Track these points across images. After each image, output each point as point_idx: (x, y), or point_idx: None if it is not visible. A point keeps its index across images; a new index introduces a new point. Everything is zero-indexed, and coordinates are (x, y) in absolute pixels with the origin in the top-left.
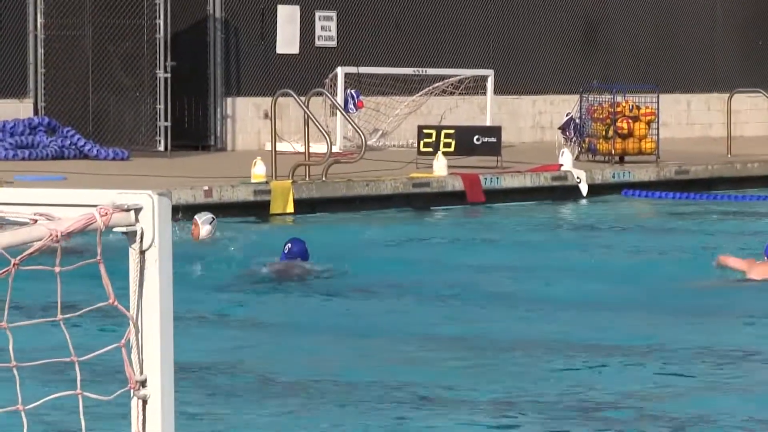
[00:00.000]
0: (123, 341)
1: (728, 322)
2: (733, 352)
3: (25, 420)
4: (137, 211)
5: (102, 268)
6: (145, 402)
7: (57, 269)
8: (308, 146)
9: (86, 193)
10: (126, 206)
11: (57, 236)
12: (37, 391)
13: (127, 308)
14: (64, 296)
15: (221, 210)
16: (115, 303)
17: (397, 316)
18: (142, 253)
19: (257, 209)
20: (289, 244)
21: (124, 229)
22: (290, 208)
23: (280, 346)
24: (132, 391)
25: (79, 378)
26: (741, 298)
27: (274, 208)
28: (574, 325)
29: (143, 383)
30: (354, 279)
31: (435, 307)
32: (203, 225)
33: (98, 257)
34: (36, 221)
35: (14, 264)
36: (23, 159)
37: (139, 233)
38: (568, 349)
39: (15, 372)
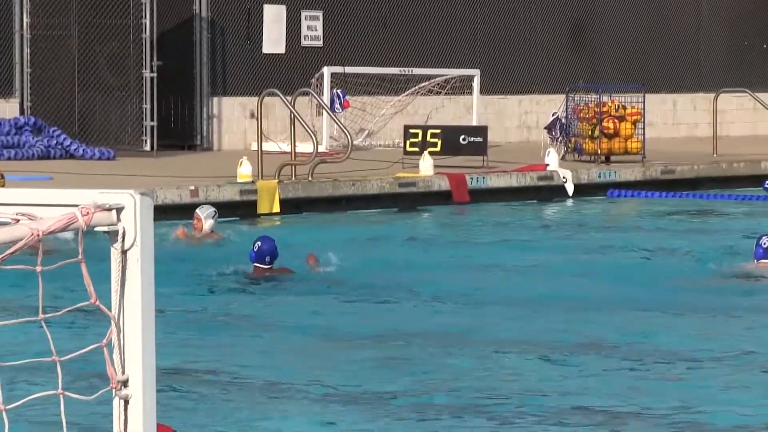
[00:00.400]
0: (105, 341)
1: (716, 320)
2: (720, 349)
3: (6, 420)
4: (119, 210)
5: (83, 268)
6: (126, 402)
7: (38, 269)
8: (294, 146)
9: (68, 193)
10: (108, 206)
11: (39, 236)
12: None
13: (110, 308)
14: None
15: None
16: (97, 303)
17: (383, 316)
18: (124, 252)
19: (243, 209)
20: (259, 242)
21: (105, 229)
22: (276, 208)
23: (265, 347)
24: (114, 391)
25: (60, 378)
26: (729, 296)
27: (261, 209)
28: (561, 324)
29: (125, 383)
30: (340, 279)
31: (420, 307)
32: (206, 219)
33: (80, 256)
34: (18, 221)
35: None
36: (9, 159)
37: (120, 233)
38: (553, 348)
39: None
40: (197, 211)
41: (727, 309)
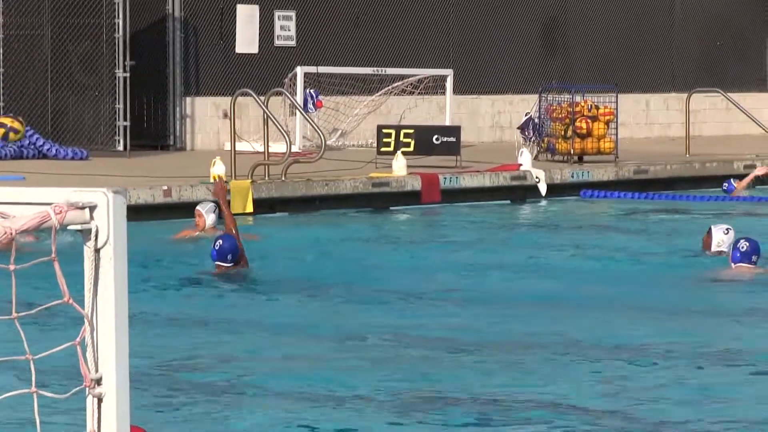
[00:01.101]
0: (78, 339)
1: (690, 322)
2: (695, 351)
3: None
4: (92, 209)
5: (57, 266)
6: (100, 400)
7: (11, 267)
8: (267, 146)
9: (41, 191)
10: (80, 204)
11: (11, 234)
12: None
13: (83, 306)
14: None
15: (180, 210)
16: (70, 301)
17: (355, 315)
18: (97, 251)
19: (216, 209)
20: (220, 241)
21: (78, 227)
22: (249, 208)
23: (236, 346)
24: (87, 389)
25: (34, 376)
26: (706, 299)
27: (235, 208)
28: (534, 323)
29: (98, 381)
30: (312, 279)
31: (392, 307)
32: (207, 214)
33: (53, 255)
34: None
35: None
36: None
37: (93, 231)
38: (523, 348)
39: None
40: (198, 207)
41: (704, 311)
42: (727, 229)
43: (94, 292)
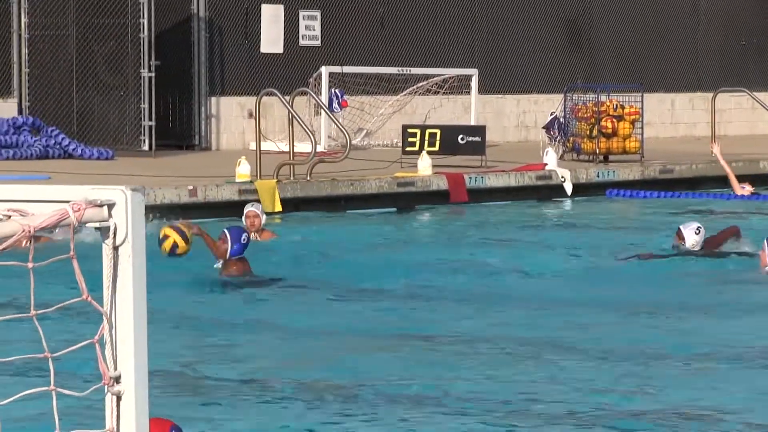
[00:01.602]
0: (97, 337)
1: (720, 318)
2: (727, 348)
3: None
4: (110, 206)
5: (75, 264)
6: (119, 398)
7: (30, 265)
8: (293, 145)
9: (59, 189)
10: (99, 202)
11: (30, 232)
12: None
13: (102, 304)
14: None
15: (206, 210)
16: (89, 299)
17: (379, 316)
18: (116, 248)
19: (242, 209)
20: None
21: (97, 225)
22: (278, 207)
23: (262, 347)
24: (106, 387)
25: (53, 374)
26: (731, 295)
27: (266, 207)
28: (561, 324)
29: (117, 379)
30: (338, 278)
31: (418, 307)
32: (262, 213)
33: (71, 252)
34: (9, 217)
35: None
36: (7, 159)
37: (112, 229)
38: (553, 348)
39: None
40: (251, 208)
41: (733, 310)
42: (698, 229)
43: (113, 289)
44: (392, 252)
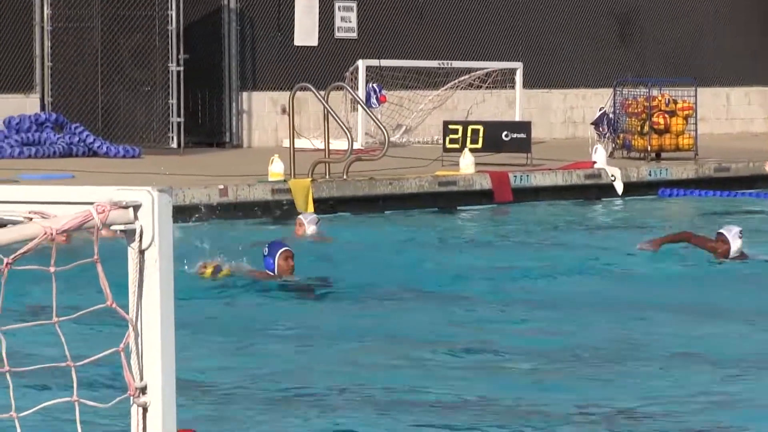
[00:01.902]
0: (122, 346)
1: None
2: None
3: (18, 427)
4: (136, 208)
5: (99, 268)
6: (145, 410)
7: (52, 269)
8: (328, 143)
9: (83, 190)
10: (124, 203)
11: (52, 234)
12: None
13: (127, 311)
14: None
15: (237, 210)
16: (113, 305)
17: (421, 321)
18: (142, 252)
19: (275, 209)
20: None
21: (122, 227)
22: (310, 208)
23: (300, 354)
24: (131, 398)
25: (75, 384)
26: None
27: (299, 207)
28: (613, 328)
29: (143, 390)
30: (374, 282)
31: (461, 311)
32: (309, 225)
33: (95, 256)
34: (31, 219)
35: (7, 264)
36: (29, 157)
37: (138, 231)
38: (605, 352)
39: (8, 377)
40: (300, 216)
41: None
42: (740, 233)
43: (139, 295)
44: (433, 255)
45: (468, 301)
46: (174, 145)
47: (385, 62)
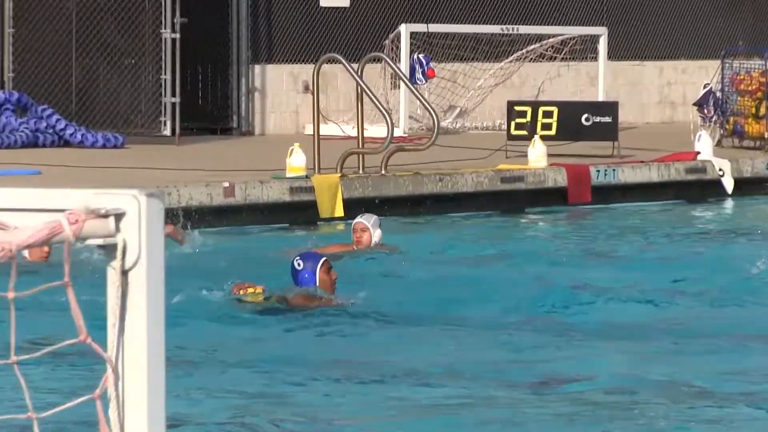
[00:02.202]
0: (98, 392)
1: None
2: None
3: None
4: (118, 217)
5: (71, 294)
6: None
7: (10, 295)
8: (362, 129)
9: (51, 194)
10: (103, 211)
11: (11, 251)
12: None
13: (104, 347)
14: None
15: (246, 213)
16: (88, 340)
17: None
18: (125, 273)
19: (295, 213)
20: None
21: (101, 242)
22: (339, 212)
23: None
24: None
25: None
26: None
27: (320, 212)
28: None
29: None
30: (420, 300)
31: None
32: (374, 228)
33: (65, 279)
34: None
35: None
36: None
37: (120, 247)
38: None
39: None
40: (360, 220)
41: None
42: None
43: (120, 328)
44: (493, 267)
45: (539, 326)
46: (167, 132)
47: (434, 27)
